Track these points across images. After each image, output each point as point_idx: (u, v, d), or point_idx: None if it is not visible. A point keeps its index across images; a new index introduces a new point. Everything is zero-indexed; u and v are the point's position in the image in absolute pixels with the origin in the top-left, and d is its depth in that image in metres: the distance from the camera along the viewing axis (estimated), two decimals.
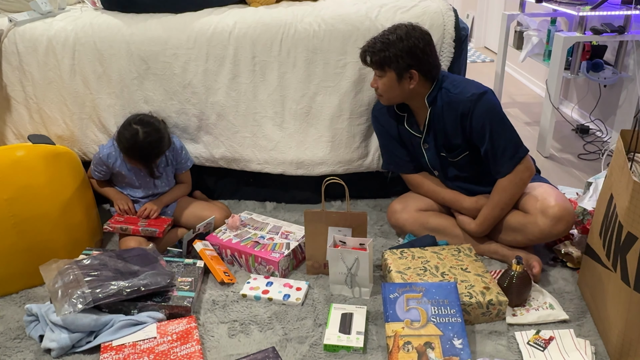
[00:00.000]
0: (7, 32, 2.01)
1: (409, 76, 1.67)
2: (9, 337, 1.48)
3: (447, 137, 1.74)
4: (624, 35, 2.56)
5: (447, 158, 1.79)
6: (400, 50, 1.63)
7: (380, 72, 1.69)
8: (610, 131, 2.90)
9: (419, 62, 1.65)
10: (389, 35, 1.65)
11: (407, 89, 1.70)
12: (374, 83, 1.74)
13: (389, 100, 1.76)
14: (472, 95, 1.64)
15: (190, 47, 1.96)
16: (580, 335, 1.44)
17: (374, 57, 1.67)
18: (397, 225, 1.89)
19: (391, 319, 1.38)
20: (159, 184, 1.97)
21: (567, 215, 1.61)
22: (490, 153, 1.68)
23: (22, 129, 2.10)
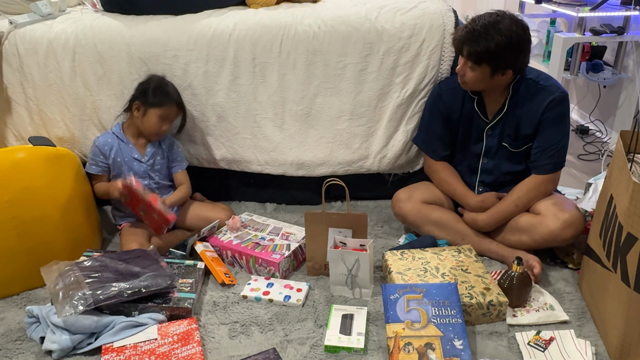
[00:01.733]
0: (7, 34, 2.01)
1: (502, 72, 1.65)
2: (10, 338, 1.49)
3: (518, 126, 1.74)
4: (623, 36, 2.56)
5: (509, 148, 1.78)
6: (501, 48, 1.58)
7: (473, 64, 1.64)
8: (610, 132, 2.91)
9: (517, 60, 1.64)
10: (491, 28, 1.58)
11: (495, 83, 1.69)
12: (461, 70, 1.69)
13: (472, 88, 1.74)
14: (562, 91, 1.68)
15: (190, 48, 1.97)
16: (581, 335, 1.45)
17: (473, 50, 1.61)
18: (400, 214, 1.88)
19: (392, 320, 1.39)
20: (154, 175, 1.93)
21: (577, 222, 1.63)
22: (545, 149, 1.71)
23: (22, 131, 2.10)
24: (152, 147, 1.93)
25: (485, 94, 1.78)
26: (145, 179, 1.91)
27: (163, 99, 1.84)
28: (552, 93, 1.68)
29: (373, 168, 2.09)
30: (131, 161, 1.89)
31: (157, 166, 1.94)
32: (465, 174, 1.90)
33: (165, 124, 1.87)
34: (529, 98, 1.71)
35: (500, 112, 1.75)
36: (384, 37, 1.93)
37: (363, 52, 1.94)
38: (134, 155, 1.89)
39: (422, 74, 1.96)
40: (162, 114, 1.84)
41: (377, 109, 2.00)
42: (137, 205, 1.78)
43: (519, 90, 1.72)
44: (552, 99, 1.67)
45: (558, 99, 1.68)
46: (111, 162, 1.89)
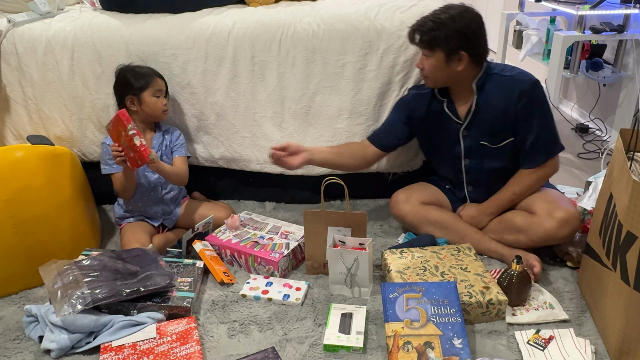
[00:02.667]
0: (5, 32, 2.00)
1: (458, 58, 1.64)
2: (8, 337, 1.48)
3: (493, 123, 1.73)
4: (623, 34, 2.56)
5: (489, 145, 1.76)
6: (451, 30, 1.60)
7: (428, 52, 1.66)
8: (610, 130, 2.90)
9: (469, 43, 1.63)
10: (441, 14, 1.62)
11: (454, 71, 1.67)
12: (420, 64, 1.71)
13: (434, 83, 1.74)
14: (530, 79, 1.65)
15: (189, 47, 1.96)
16: (580, 334, 1.44)
17: (424, 37, 1.64)
18: (399, 215, 1.88)
19: (391, 319, 1.38)
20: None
21: (573, 220, 1.62)
22: (530, 142, 1.70)
23: (21, 130, 2.09)
24: (157, 140, 1.93)
25: (454, 95, 1.78)
26: (154, 172, 1.89)
27: (146, 78, 1.85)
28: (520, 83, 1.66)
29: (373, 167, 2.08)
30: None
31: (165, 157, 1.94)
32: (450, 175, 1.90)
33: (162, 98, 1.88)
34: (497, 92, 1.69)
35: (470, 111, 1.74)
36: (383, 35, 1.92)
37: (362, 50, 1.94)
38: None
39: None
40: (154, 90, 1.85)
41: (376, 108, 1.99)
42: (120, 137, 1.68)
43: (485, 87, 1.71)
44: (522, 89, 1.65)
45: (528, 87, 1.65)
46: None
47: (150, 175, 1.90)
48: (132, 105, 1.87)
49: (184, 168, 1.95)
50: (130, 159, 1.69)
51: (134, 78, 1.86)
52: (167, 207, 1.95)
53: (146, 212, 1.93)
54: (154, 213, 1.93)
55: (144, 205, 1.91)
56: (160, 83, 1.89)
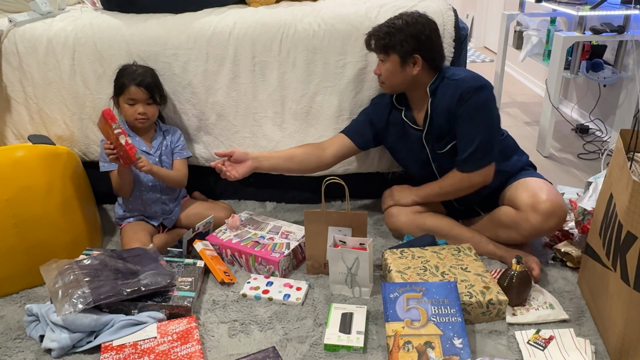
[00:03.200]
0: (7, 32, 2.01)
1: (413, 61, 1.67)
2: (9, 337, 1.49)
3: (441, 126, 1.73)
4: (623, 35, 2.56)
5: (437, 150, 1.77)
6: (405, 34, 1.64)
7: (383, 56, 1.70)
8: (610, 131, 2.91)
9: (423, 47, 1.66)
10: (395, 20, 1.67)
11: (410, 75, 1.69)
12: (377, 70, 1.75)
13: (391, 88, 1.76)
14: (473, 83, 1.64)
15: (190, 47, 1.96)
16: (580, 334, 1.45)
17: (379, 41, 1.68)
18: (394, 228, 1.90)
19: (391, 319, 1.39)
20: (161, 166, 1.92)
21: (558, 210, 1.60)
22: (462, 146, 1.69)
23: (22, 130, 2.10)
24: (157, 140, 1.93)
25: (411, 102, 1.80)
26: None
27: (122, 84, 1.84)
28: (461, 86, 1.64)
29: (373, 167, 2.09)
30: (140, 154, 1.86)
31: (164, 157, 1.94)
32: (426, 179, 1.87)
33: (138, 107, 1.83)
34: (445, 96, 1.69)
35: (426, 116, 1.75)
36: None
37: (363, 50, 1.93)
38: (142, 147, 1.89)
39: None
40: (127, 98, 1.83)
41: None
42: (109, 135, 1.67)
43: (437, 91, 1.72)
44: (462, 92, 1.64)
45: (468, 91, 1.63)
46: None
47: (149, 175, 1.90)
48: (116, 105, 1.89)
49: (184, 171, 1.96)
50: (121, 156, 1.69)
51: (115, 82, 1.86)
52: (167, 207, 1.95)
53: (146, 211, 1.93)
54: (153, 212, 1.93)
55: (143, 204, 1.91)
56: (135, 92, 1.81)
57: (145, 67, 1.92)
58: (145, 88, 1.84)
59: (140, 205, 1.91)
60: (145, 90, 1.84)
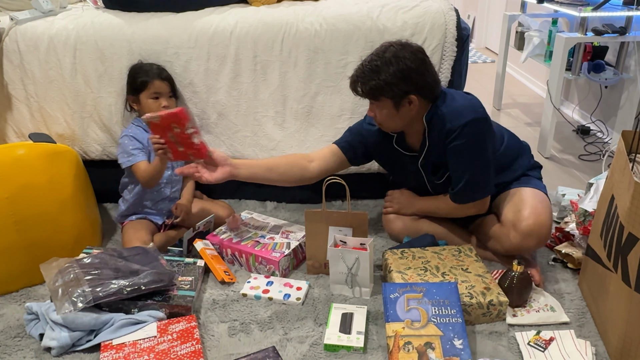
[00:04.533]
0: (8, 30, 2.01)
1: (408, 101, 1.54)
2: (9, 335, 1.48)
3: (436, 157, 1.66)
4: (625, 36, 2.56)
5: (435, 181, 1.73)
6: (390, 75, 1.49)
7: (375, 102, 1.56)
8: (611, 132, 2.90)
9: (415, 85, 1.52)
10: (377, 60, 1.50)
11: (407, 115, 1.57)
12: (370, 112, 1.61)
13: (391, 129, 1.65)
14: (460, 120, 1.53)
15: (191, 46, 1.96)
16: (581, 336, 1.44)
17: (364, 87, 1.53)
18: (392, 234, 1.90)
19: (391, 319, 1.38)
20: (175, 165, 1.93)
21: (538, 231, 1.56)
22: (454, 180, 1.65)
23: (23, 128, 2.10)
24: None
25: (405, 132, 1.70)
26: (168, 169, 1.91)
27: (144, 80, 1.85)
28: (449, 121, 1.54)
29: (374, 167, 2.08)
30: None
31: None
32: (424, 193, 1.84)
33: (162, 101, 1.86)
34: (437, 128, 1.59)
35: (424, 146, 1.66)
36: (385, 35, 1.93)
37: (364, 50, 1.94)
38: None
39: None
40: (151, 93, 1.85)
41: None
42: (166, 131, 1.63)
43: (432, 120, 1.60)
44: (448, 129, 1.55)
45: (454, 128, 1.53)
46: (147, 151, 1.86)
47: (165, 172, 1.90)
48: (134, 104, 1.90)
49: None
50: (175, 151, 1.65)
51: (134, 79, 1.87)
52: (173, 204, 1.96)
53: (153, 207, 1.93)
54: (159, 210, 1.94)
55: (154, 199, 1.92)
56: (159, 85, 1.86)
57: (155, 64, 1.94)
58: (168, 81, 1.90)
59: (149, 200, 1.92)
60: (168, 84, 1.89)
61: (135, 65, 1.93)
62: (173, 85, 1.93)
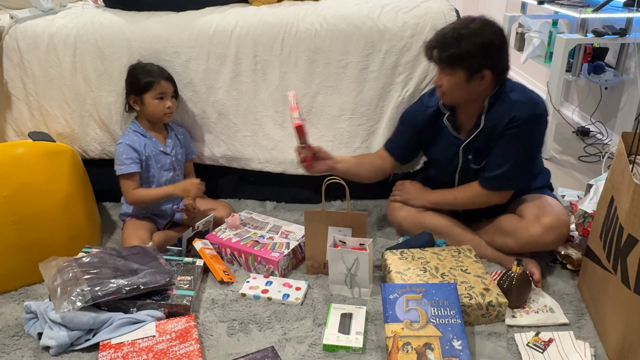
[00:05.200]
0: (8, 29, 2.00)
1: (480, 77, 1.54)
2: (7, 334, 1.48)
3: (485, 143, 1.66)
4: (625, 37, 2.56)
5: (470, 164, 1.72)
6: (473, 46, 1.49)
7: (448, 70, 1.55)
8: (611, 134, 2.90)
9: (492, 61, 1.52)
10: (461, 29, 1.50)
11: (475, 90, 1.57)
12: (438, 80, 1.60)
13: (452, 100, 1.64)
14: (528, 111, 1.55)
15: (191, 45, 1.96)
16: (580, 337, 1.44)
17: (444, 54, 1.52)
18: (395, 222, 1.89)
19: (391, 320, 1.38)
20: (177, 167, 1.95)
21: (560, 226, 1.58)
22: (492, 165, 1.65)
23: (22, 126, 2.09)
24: (170, 139, 1.94)
25: (460, 109, 1.70)
26: (169, 171, 1.92)
27: (149, 79, 1.83)
28: (517, 110, 1.55)
29: None
30: (158, 155, 1.89)
31: (179, 156, 1.96)
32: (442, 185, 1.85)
33: (166, 101, 1.86)
34: (499, 112, 1.60)
35: (476, 128, 1.66)
36: (385, 36, 1.92)
37: (365, 50, 1.94)
38: (160, 148, 1.90)
39: (423, 74, 1.96)
40: (157, 93, 1.84)
41: (377, 108, 1.99)
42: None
43: (494, 105, 1.61)
44: (514, 115, 1.55)
45: (521, 117, 1.55)
46: (144, 159, 1.86)
47: (166, 174, 1.92)
48: (135, 104, 1.88)
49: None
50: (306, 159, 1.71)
51: (138, 78, 1.85)
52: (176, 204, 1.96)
53: (156, 210, 1.93)
54: (163, 211, 1.94)
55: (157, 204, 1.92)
56: (165, 85, 1.86)
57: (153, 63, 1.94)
58: (171, 82, 1.90)
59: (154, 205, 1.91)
60: (171, 84, 1.89)
61: (136, 65, 1.92)
62: (176, 86, 1.92)
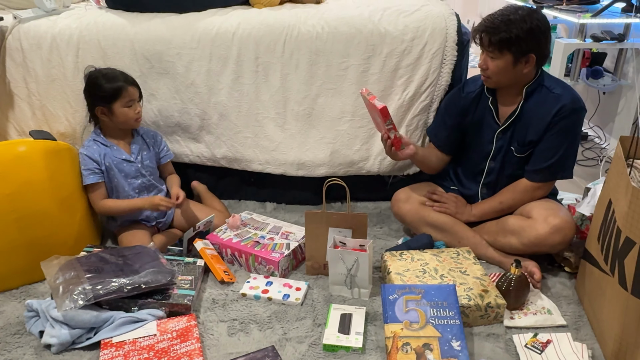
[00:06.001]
0: (11, 29, 2.01)
1: (526, 60, 1.61)
2: (9, 332, 1.49)
3: (526, 132, 1.70)
4: (623, 42, 2.58)
5: (514, 152, 1.75)
6: (522, 31, 1.56)
7: (496, 54, 1.61)
8: (609, 138, 2.92)
9: (538, 46, 1.60)
10: (510, 15, 1.58)
11: (519, 73, 1.64)
12: (483, 64, 1.67)
13: (496, 84, 1.70)
14: (574, 104, 1.63)
15: (193, 47, 1.97)
16: (578, 338, 1.46)
17: (494, 37, 1.58)
18: (399, 214, 1.91)
19: (390, 320, 1.39)
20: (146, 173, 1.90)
21: (567, 228, 1.61)
22: (541, 156, 1.69)
23: (24, 126, 2.10)
24: (135, 144, 1.90)
25: (500, 95, 1.76)
26: (137, 178, 1.88)
27: (116, 87, 1.77)
28: (563, 102, 1.63)
29: (373, 169, 2.09)
30: (121, 163, 1.85)
31: (146, 161, 1.91)
32: (468, 175, 1.90)
33: (135, 107, 1.83)
34: (541, 105, 1.67)
35: (512, 115, 1.73)
36: (386, 39, 1.94)
37: (365, 53, 1.95)
38: (122, 156, 1.86)
39: (423, 77, 1.97)
40: (125, 101, 1.79)
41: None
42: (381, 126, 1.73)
43: (533, 95, 1.69)
44: (561, 107, 1.63)
45: (568, 108, 1.63)
46: (104, 169, 1.82)
47: (134, 182, 1.87)
48: (103, 115, 1.81)
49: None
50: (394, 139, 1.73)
51: (103, 88, 1.77)
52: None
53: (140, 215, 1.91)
54: (146, 217, 1.92)
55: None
56: (132, 92, 1.80)
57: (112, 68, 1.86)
58: (136, 85, 1.85)
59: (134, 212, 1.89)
60: (137, 88, 1.85)
61: (94, 72, 1.81)
62: (140, 89, 1.86)
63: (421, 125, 2.05)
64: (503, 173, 1.81)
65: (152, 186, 1.94)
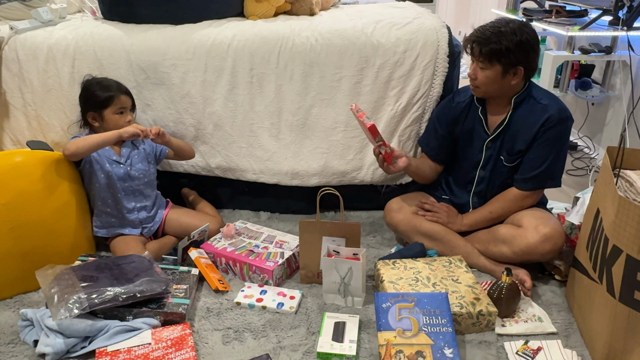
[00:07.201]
0: (8, 39, 2.03)
1: (514, 72, 1.65)
2: (3, 341, 1.49)
3: (514, 141, 1.74)
4: (611, 55, 2.64)
5: (504, 162, 1.79)
6: (512, 43, 1.60)
7: (486, 64, 1.66)
8: (598, 148, 2.97)
9: (527, 59, 1.64)
10: (501, 27, 1.62)
11: (507, 84, 1.68)
12: (472, 74, 1.71)
13: (484, 93, 1.74)
14: (561, 114, 1.67)
15: (189, 58, 2.00)
16: (568, 345, 1.48)
17: (484, 48, 1.63)
18: (392, 224, 1.92)
19: (383, 328, 1.41)
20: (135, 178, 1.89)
21: (556, 237, 1.64)
22: (530, 166, 1.72)
23: (20, 136, 2.11)
24: (126, 148, 1.91)
25: (490, 105, 1.80)
26: (126, 181, 1.88)
27: (108, 94, 1.82)
28: (550, 112, 1.67)
29: (366, 179, 2.12)
30: (110, 163, 1.86)
31: (137, 165, 1.91)
32: (459, 184, 1.92)
33: (126, 116, 1.86)
34: (528, 114, 1.71)
35: (501, 125, 1.76)
36: (379, 51, 1.97)
37: (359, 65, 1.98)
38: (113, 157, 1.87)
39: (415, 88, 2.01)
40: (116, 108, 1.83)
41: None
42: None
43: (521, 106, 1.73)
44: (548, 117, 1.67)
45: (555, 119, 1.67)
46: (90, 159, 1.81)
47: (121, 183, 1.86)
48: (94, 121, 1.85)
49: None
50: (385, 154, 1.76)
51: (96, 94, 1.82)
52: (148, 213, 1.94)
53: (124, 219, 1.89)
54: (131, 221, 1.90)
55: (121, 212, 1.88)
56: (124, 100, 1.85)
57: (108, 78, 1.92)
58: (129, 95, 1.89)
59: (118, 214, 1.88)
60: (130, 97, 1.89)
61: (90, 80, 1.88)
62: (133, 99, 1.91)
63: (413, 135, 2.08)
64: (493, 182, 1.84)
65: (139, 192, 1.92)
